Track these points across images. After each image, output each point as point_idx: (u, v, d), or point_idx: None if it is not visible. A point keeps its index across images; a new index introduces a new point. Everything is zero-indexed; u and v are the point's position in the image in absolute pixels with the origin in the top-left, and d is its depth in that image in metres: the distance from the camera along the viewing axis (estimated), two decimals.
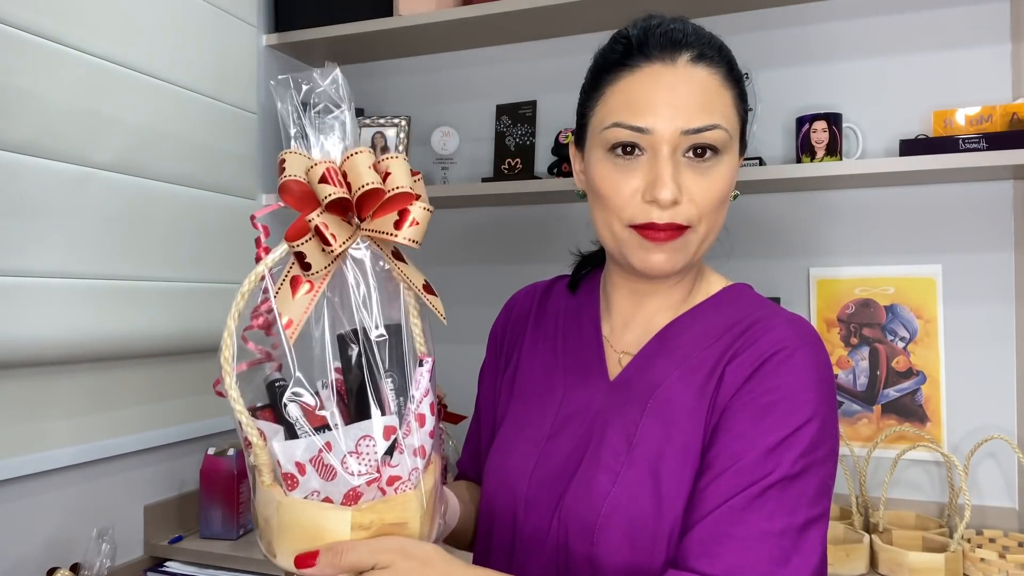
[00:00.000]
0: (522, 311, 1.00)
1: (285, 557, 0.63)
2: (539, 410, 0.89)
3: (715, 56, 0.81)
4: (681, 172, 0.78)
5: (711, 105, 0.78)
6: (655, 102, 0.78)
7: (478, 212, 1.99)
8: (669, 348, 0.85)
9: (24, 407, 1.36)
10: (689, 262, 0.82)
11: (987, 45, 1.58)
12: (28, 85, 1.32)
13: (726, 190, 0.80)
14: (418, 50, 2.02)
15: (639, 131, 0.78)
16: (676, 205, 0.77)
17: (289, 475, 0.62)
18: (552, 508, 0.82)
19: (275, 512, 0.63)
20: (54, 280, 1.37)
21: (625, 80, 0.80)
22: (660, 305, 0.88)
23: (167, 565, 1.60)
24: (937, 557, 1.34)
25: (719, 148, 0.79)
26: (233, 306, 0.67)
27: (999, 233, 1.58)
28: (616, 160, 0.80)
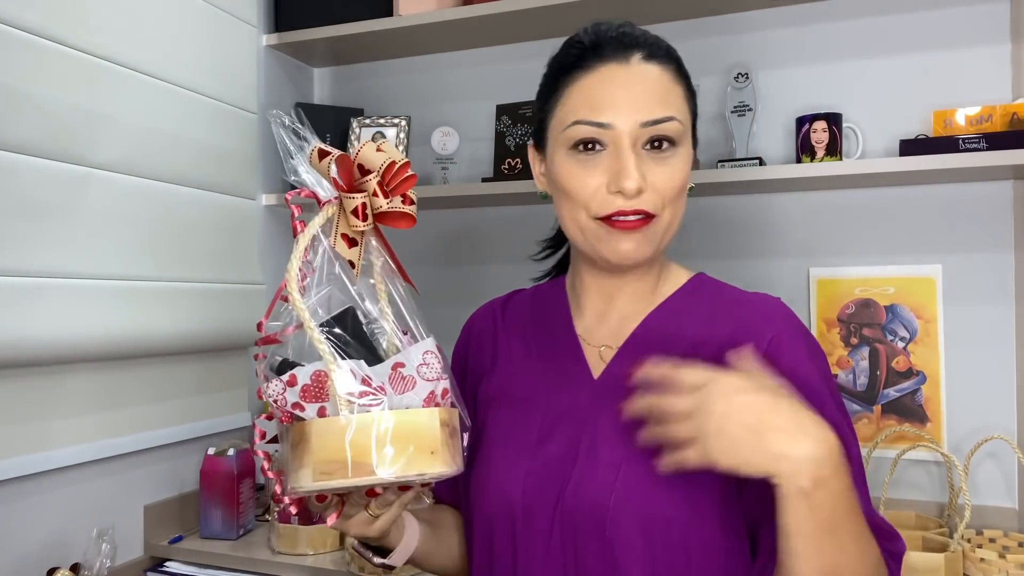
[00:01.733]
0: (484, 327, 1.02)
1: (399, 461, 0.69)
2: (523, 417, 0.90)
3: (664, 54, 0.85)
4: (643, 163, 0.82)
5: (666, 99, 0.83)
6: (614, 98, 0.82)
7: (478, 212, 1.99)
8: (651, 340, 0.88)
9: (24, 407, 1.36)
10: (656, 250, 0.86)
11: (987, 45, 1.58)
12: (28, 85, 1.32)
13: (685, 179, 0.84)
14: (418, 50, 2.02)
15: (600, 126, 0.82)
16: (640, 194, 0.81)
17: (379, 387, 0.70)
18: (551, 510, 0.83)
19: (368, 425, 0.68)
20: (54, 280, 1.37)
21: (583, 80, 0.84)
22: (630, 298, 0.91)
23: (167, 565, 1.60)
24: (937, 557, 1.34)
25: (675, 139, 0.83)
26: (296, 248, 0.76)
27: (999, 233, 1.58)
28: (579, 157, 0.84)
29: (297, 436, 0.71)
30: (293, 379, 0.71)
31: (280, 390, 0.72)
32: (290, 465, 0.71)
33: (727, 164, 1.62)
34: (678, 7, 1.74)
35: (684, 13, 1.77)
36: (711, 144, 1.77)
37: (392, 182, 0.75)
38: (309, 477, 0.69)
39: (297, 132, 0.78)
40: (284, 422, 0.73)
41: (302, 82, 2.12)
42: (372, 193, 0.74)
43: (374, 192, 0.74)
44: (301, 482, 0.70)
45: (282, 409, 0.72)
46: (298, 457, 0.70)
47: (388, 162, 0.73)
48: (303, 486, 0.70)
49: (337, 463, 0.68)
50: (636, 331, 0.90)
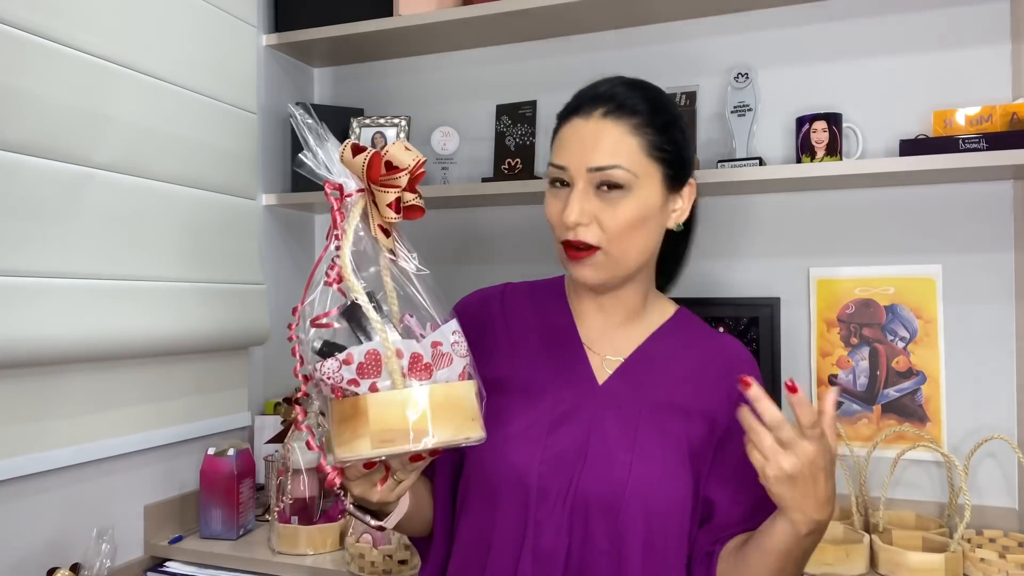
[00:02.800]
0: (484, 314, 1.12)
1: (450, 427, 0.78)
2: (533, 406, 1.02)
3: (624, 111, 0.98)
4: (591, 201, 0.97)
5: (615, 149, 0.96)
6: (571, 146, 0.99)
7: (478, 212, 1.99)
8: (648, 362, 1.04)
9: (24, 407, 1.36)
10: (614, 277, 1.00)
11: (987, 45, 1.58)
12: (28, 85, 1.32)
13: (632, 218, 0.97)
14: (418, 50, 2.02)
15: (559, 168, 0.99)
16: (581, 227, 0.96)
17: (427, 365, 0.80)
18: (565, 493, 0.96)
19: (425, 397, 0.78)
20: (54, 280, 1.37)
21: (561, 129, 1.02)
22: (622, 317, 1.07)
23: (167, 565, 1.60)
24: (937, 557, 1.34)
25: (623, 184, 0.96)
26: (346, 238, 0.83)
27: (999, 233, 1.58)
28: (554, 191, 1.01)
29: (350, 409, 0.78)
30: (350, 358, 0.78)
31: (336, 368, 0.78)
32: (340, 437, 0.78)
33: (727, 164, 1.62)
34: (678, 7, 1.74)
35: (684, 13, 1.77)
36: (711, 144, 1.77)
37: (416, 180, 0.85)
38: (368, 446, 0.77)
39: (316, 129, 0.86)
40: (337, 398, 0.79)
41: (302, 82, 2.12)
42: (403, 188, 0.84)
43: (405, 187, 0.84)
44: (358, 450, 0.77)
45: (336, 386, 0.78)
46: (352, 428, 0.77)
47: (418, 160, 0.83)
48: (361, 453, 0.77)
49: (397, 431, 0.77)
50: (639, 350, 1.05)
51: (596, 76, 2.08)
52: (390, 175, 0.83)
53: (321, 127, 0.86)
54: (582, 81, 1.06)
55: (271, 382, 1.97)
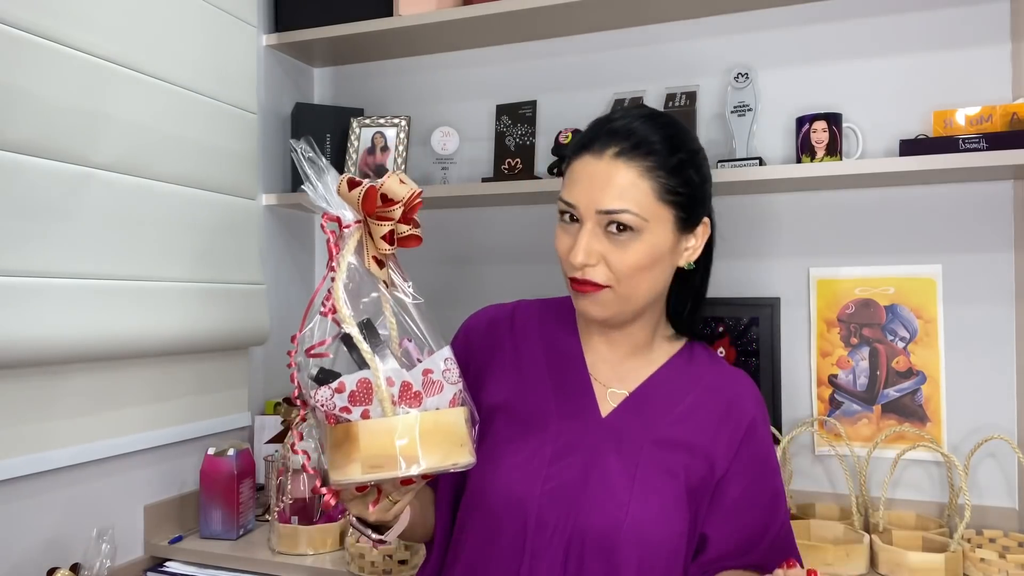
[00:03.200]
0: (493, 331, 1.13)
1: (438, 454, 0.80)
2: (535, 432, 1.02)
3: (641, 151, 0.97)
4: (600, 241, 0.96)
5: (624, 194, 0.95)
6: (580, 185, 0.98)
7: (478, 212, 1.99)
8: (652, 397, 1.04)
9: (24, 407, 1.36)
10: (621, 312, 1.00)
11: (987, 45, 1.58)
12: (28, 85, 1.32)
13: (640, 261, 0.97)
14: (418, 50, 2.02)
15: (569, 204, 0.99)
16: (589, 267, 0.96)
17: (416, 393, 0.82)
18: (564, 527, 0.96)
19: (413, 424, 0.80)
20: (54, 280, 1.37)
21: (573, 164, 1.01)
22: (628, 349, 1.07)
23: (167, 565, 1.60)
24: (937, 557, 1.34)
25: (632, 227, 0.96)
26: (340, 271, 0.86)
27: (999, 233, 1.58)
28: (564, 225, 1.01)
29: (342, 435, 0.81)
30: (342, 386, 0.81)
31: (328, 396, 0.81)
32: (334, 461, 0.81)
33: (727, 164, 1.62)
34: (678, 7, 1.74)
35: (684, 13, 1.77)
36: (711, 144, 1.77)
37: (413, 211, 0.87)
38: (359, 470, 0.79)
39: (316, 162, 0.88)
40: (330, 424, 0.82)
41: (302, 82, 2.12)
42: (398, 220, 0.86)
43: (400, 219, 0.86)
44: (351, 475, 0.80)
45: (329, 412, 0.81)
46: (345, 454, 0.80)
47: (413, 192, 0.85)
48: (353, 478, 0.80)
49: (386, 457, 0.79)
50: (644, 384, 1.05)
51: (596, 76, 2.08)
52: (385, 207, 0.85)
53: (321, 160, 0.88)
54: (582, 81, 1.05)
55: (271, 382, 1.97)
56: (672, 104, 1.72)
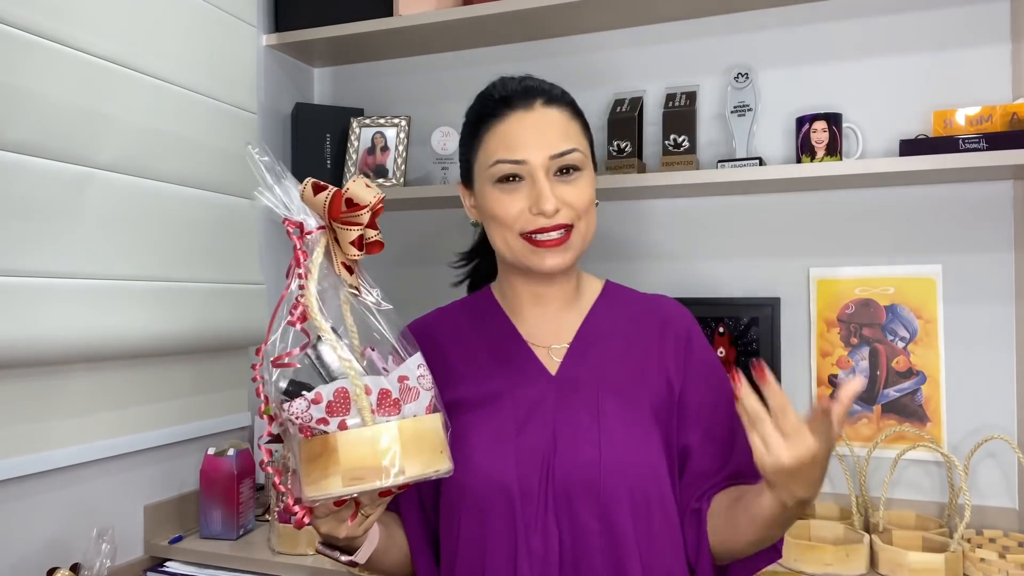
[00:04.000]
0: (430, 343, 1.10)
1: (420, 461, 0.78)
2: (494, 414, 1.03)
3: (560, 99, 1.04)
4: (555, 187, 0.99)
5: (567, 134, 1.01)
6: (526, 139, 1.00)
7: None
8: (592, 340, 1.06)
9: (24, 407, 1.36)
10: (576, 257, 1.03)
11: (987, 45, 1.58)
12: (28, 85, 1.32)
13: (591, 195, 1.02)
14: (418, 50, 2.02)
15: (517, 163, 0.99)
16: (557, 212, 0.98)
17: (395, 400, 0.80)
18: (544, 488, 0.97)
19: (395, 433, 0.78)
20: (54, 280, 1.37)
21: (498, 127, 1.02)
22: (561, 302, 1.08)
23: (167, 565, 1.60)
24: (937, 557, 1.34)
25: (579, 165, 1.00)
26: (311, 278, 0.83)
27: (999, 233, 1.58)
28: (503, 187, 1.01)
29: (319, 448, 0.77)
30: (319, 397, 0.78)
31: (304, 407, 0.78)
32: (309, 476, 0.78)
33: (727, 164, 1.62)
34: (678, 7, 1.74)
35: (684, 13, 1.77)
36: (711, 144, 1.77)
37: (376, 215, 0.85)
38: (339, 483, 0.76)
39: (273, 167, 0.85)
40: (305, 437, 0.79)
41: (302, 82, 2.12)
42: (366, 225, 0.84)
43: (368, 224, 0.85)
44: (329, 489, 0.77)
45: (305, 425, 0.78)
46: (322, 467, 0.77)
47: (379, 197, 0.83)
48: (333, 492, 0.77)
49: (368, 468, 0.77)
50: (580, 332, 1.07)
51: (596, 76, 2.08)
52: (351, 212, 0.83)
53: (278, 165, 0.85)
54: (582, 81, 1.07)
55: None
56: (672, 104, 1.72)
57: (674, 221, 1.80)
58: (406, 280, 1.99)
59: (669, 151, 1.69)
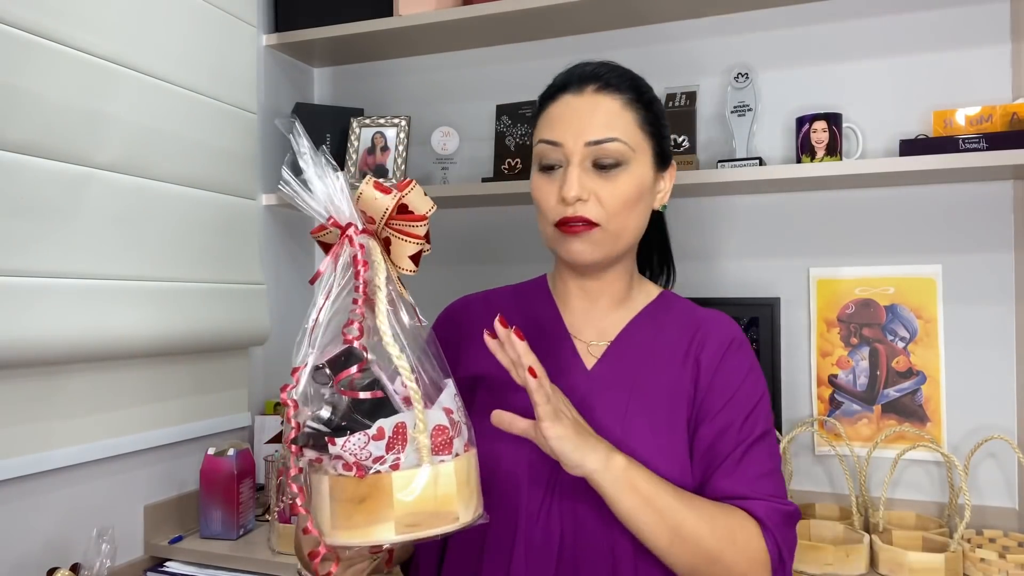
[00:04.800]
0: (469, 320, 1.10)
1: (470, 507, 0.72)
2: (520, 399, 0.97)
3: (619, 85, 0.99)
4: (589, 178, 0.96)
5: (611, 123, 0.96)
6: (566, 121, 0.97)
7: (478, 212, 1.99)
8: (635, 343, 1.04)
9: (24, 407, 1.36)
10: (608, 255, 0.99)
11: (987, 45, 1.58)
12: (28, 85, 1.32)
13: (630, 194, 0.97)
14: (418, 50, 2.02)
15: (553, 144, 0.97)
16: (581, 202, 0.95)
17: (450, 438, 0.73)
18: (553, 480, 0.94)
19: (451, 475, 0.71)
20: (54, 280, 1.37)
21: (549, 108, 1.01)
22: (608, 301, 1.06)
23: (167, 565, 1.60)
24: (937, 557, 1.34)
25: (620, 160, 0.96)
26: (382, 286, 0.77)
27: (999, 233, 1.58)
28: (544, 175, 0.99)
29: (367, 489, 0.69)
30: (381, 432, 0.70)
31: (363, 444, 0.70)
32: (351, 520, 0.69)
33: (727, 164, 1.62)
34: (678, 7, 1.74)
35: (684, 13, 1.77)
36: (711, 144, 1.77)
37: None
38: (391, 530, 0.69)
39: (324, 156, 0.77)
40: (358, 476, 0.70)
41: (302, 82, 2.12)
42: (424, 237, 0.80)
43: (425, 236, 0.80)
44: (378, 535, 0.69)
45: (359, 463, 0.70)
46: (369, 511, 0.69)
47: (433, 208, 0.79)
48: (384, 539, 0.69)
49: (424, 514, 0.69)
50: (624, 332, 1.04)
51: None
52: (407, 220, 0.77)
53: (325, 154, 0.76)
54: None
55: (271, 382, 1.97)
56: (672, 104, 1.72)
57: (674, 221, 1.79)
58: (405, 280, 1.99)
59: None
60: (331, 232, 0.79)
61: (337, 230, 0.77)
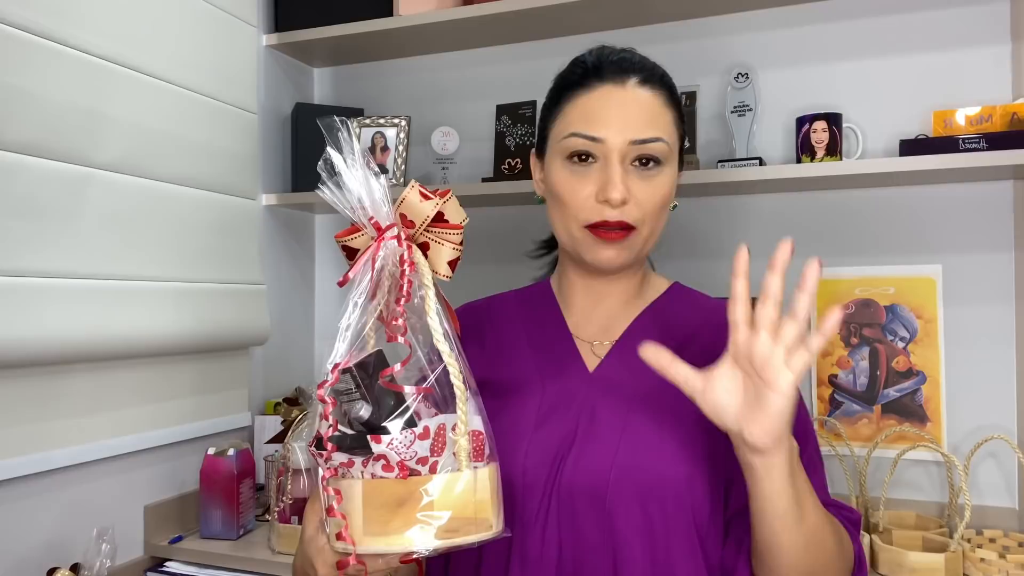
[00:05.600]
0: (470, 326, 1.07)
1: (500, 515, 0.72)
2: (519, 402, 0.96)
3: (658, 81, 0.93)
4: (629, 177, 0.90)
5: (656, 121, 0.91)
6: (608, 116, 0.90)
7: (478, 212, 1.98)
8: (642, 338, 0.94)
9: (24, 407, 1.36)
10: (634, 258, 0.95)
11: (987, 45, 1.58)
12: (28, 85, 1.32)
13: (667, 196, 0.93)
14: (418, 50, 2.02)
15: (594, 140, 0.90)
16: (624, 204, 0.89)
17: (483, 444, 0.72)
18: (549, 488, 0.89)
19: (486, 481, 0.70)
20: (54, 280, 1.37)
21: (582, 98, 0.93)
22: (616, 300, 1.01)
23: (167, 565, 1.60)
24: (937, 557, 1.34)
25: (661, 159, 0.91)
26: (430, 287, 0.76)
27: (999, 233, 1.58)
28: (573, 167, 0.92)
29: (405, 492, 0.67)
30: (427, 431, 0.69)
31: (408, 442, 0.68)
32: (387, 525, 0.67)
33: (727, 164, 1.62)
34: (678, 7, 1.74)
35: (684, 13, 1.77)
36: (711, 144, 1.77)
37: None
38: (430, 537, 0.67)
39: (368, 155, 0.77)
40: (402, 476, 0.68)
41: (302, 82, 2.12)
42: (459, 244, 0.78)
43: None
44: (419, 543, 0.67)
45: (403, 463, 0.68)
46: (408, 514, 0.67)
47: (466, 219, 0.79)
48: (421, 546, 0.67)
49: (463, 520, 0.68)
50: (629, 329, 0.99)
51: None
52: (443, 228, 0.77)
53: (367, 154, 0.77)
54: None
55: (271, 382, 1.97)
56: None
57: (674, 221, 1.80)
58: None
59: None
60: (360, 236, 0.78)
61: (372, 233, 0.77)
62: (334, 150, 0.76)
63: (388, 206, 0.76)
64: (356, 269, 0.76)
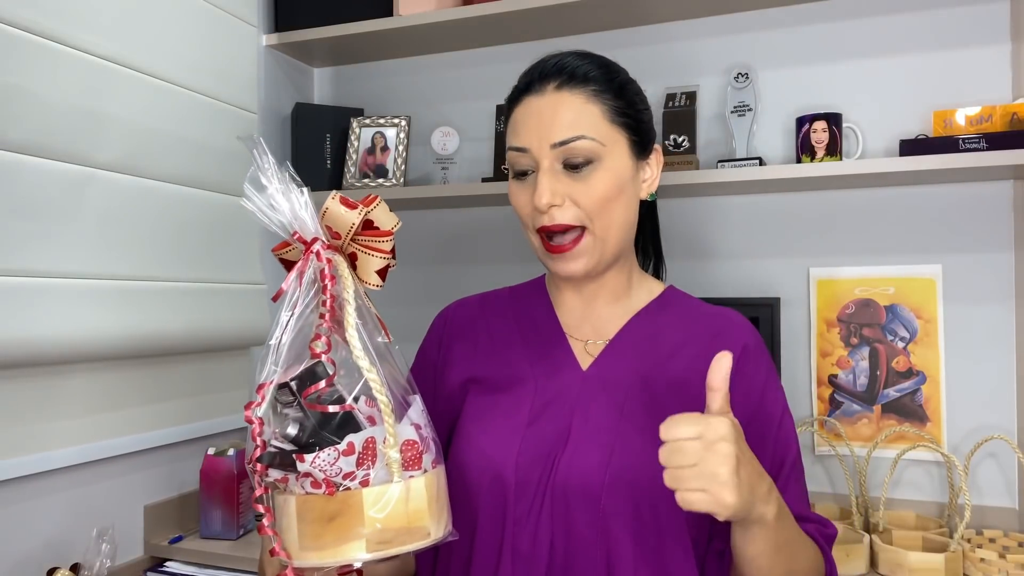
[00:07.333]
0: (464, 318, 1.07)
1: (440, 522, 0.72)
2: (512, 400, 0.97)
3: (580, 80, 0.93)
4: (561, 181, 0.91)
5: (575, 120, 0.91)
6: (528, 125, 0.93)
7: (478, 212, 1.99)
8: (634, 342, 0.98)
9: (24, 407, 1.36)
10: (601, 259, 0.94)
11: (987, 45, 1.58)
12: (28, 85, 1.32)
13: (608, 191, 0.91)
14: (418, 50, 2.02)
15: (520, 151, 0.93)
16: (556, 208, 0.91)
17: (420, 453, 0.72)
18: (543, 486, 0.90)
19: (422, 490, 0.70)
20: (54, 280, 1.37)
21: (514, 113, 0.96)
22: (608, 299, 1.01)
23: (167, 565, 1.60)
24: (937, 557, 1.34)
25: (591, 157, 0.91)
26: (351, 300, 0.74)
27: (999, 233, 1.58)
28: (516, 181, 0.96)
29: (337, 507, 0.68)
30: (351, 447, 0.69)
31: (332, 459, 0.68)
32: (320, 539, 0.68)
33: (727, 164, 1.62)
34: (678, 7, 1.74)
35: (684, 13, 1.77)
36: (711, 144, 1.77)
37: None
38: (362, 548, 0.68)
39: (288, 170, 0.75)
40: (328, 493, 0.69)
41: (302, 82, 2.12)
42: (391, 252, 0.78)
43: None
44: (349, 554, 0.68)
45: (328, 480, 0.68)
46: (339, 529, 0.68)
47: (398, 224, 0.78)
48: (354, 557, 0.68)
49: (396, 530, 0.68)
50: (623, 330, 0.99)
51: None
52: (373, 236, 0.76)
53: (288, 169, 0.75)
54: None
55: None
56: (672, 104, 1.72)
57: (675, 221, 1.80)
58: (405, 280, 1.99)
59: (669, 151, 1.69)
60: (293, 250, 0.79)
61: (300, 247, 0.76)
62: (257, 167, 0.74)
63: (312, 219, 0.75)
64: (287, 283, 0.75)
